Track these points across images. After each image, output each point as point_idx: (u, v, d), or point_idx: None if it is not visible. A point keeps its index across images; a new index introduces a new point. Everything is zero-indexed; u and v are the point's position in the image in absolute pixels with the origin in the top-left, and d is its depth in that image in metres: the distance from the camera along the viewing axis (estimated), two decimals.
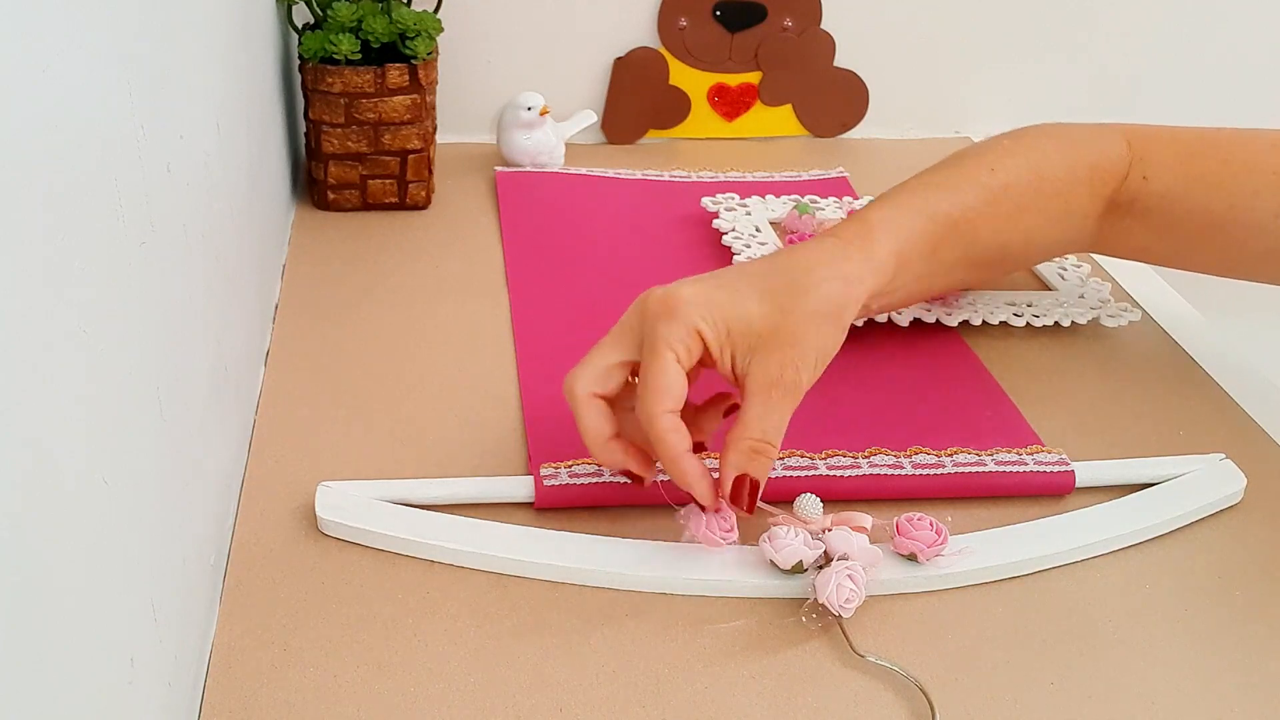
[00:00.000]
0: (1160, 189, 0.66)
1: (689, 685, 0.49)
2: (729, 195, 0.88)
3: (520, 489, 0.58)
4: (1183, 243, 0.67)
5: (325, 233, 0.83)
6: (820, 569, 0.52)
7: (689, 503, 0.54)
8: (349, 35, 0.80)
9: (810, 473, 0.59)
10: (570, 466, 0.58)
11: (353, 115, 0.82)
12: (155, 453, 0.42)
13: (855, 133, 1.06)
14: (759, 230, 0.83)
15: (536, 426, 0.63)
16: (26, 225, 0.30)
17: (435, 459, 0.61)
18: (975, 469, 0.60)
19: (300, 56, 0.82)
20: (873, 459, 0.60)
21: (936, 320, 0.73)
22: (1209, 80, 1.08)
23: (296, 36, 0.83)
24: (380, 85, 0.81)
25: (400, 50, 0.82)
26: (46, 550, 0.31)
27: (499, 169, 0.93)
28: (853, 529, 0.54)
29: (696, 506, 0.54)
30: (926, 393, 0.68)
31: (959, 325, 0.73)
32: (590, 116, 0.97)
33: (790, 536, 0.53)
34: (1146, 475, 0.62)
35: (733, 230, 0.82)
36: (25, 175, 0.30)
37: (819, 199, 0.88)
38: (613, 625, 0.52)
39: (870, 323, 0.72)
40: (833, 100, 1.04)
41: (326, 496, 0.56)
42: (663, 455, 0.51)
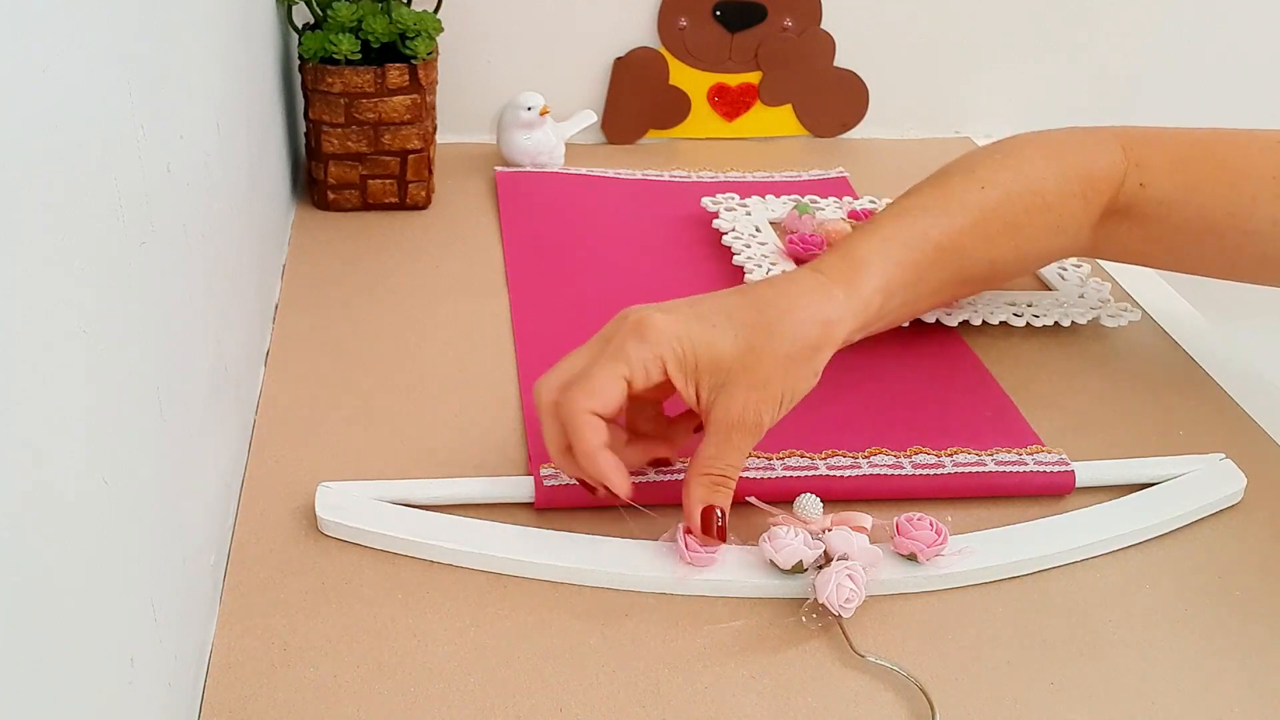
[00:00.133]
0: (1158, 195, 0.65)
1: (689, 685, 0.49)
2: (729, 195, 0.88)
3: (520, 489, 0.58)
4: (1181, 248, 0.67)
5: (325, 232, 0.83)
6: (820, 569, 0.52)
7: (660, 504, 0.55)
8: (349, 35, 0.80)
9: (810, 473, 0.59)
10: None
11: (353, 115, 0.82)
12: (155, 453, 0.42)
13: (855, 133, 1.06)
14: (759, 230, 0.83)
15: (537, 426, 0.63)
16: (27, 225, 0.30)
17: (435, 459, 0.61)
18: (975, 469, 0.60)
19: (300, 56, 0.82)
20: (873, 459, 0.60)
21: (936, 320, 0.73)
22: (1209, 80, 1.08)
23: (296, 36, 0.83)
24: (380, 85, 0.81)
25: (400, 50, 0.82)
26: (46, 550, 0.31)
27: (499, 169, 0.93)
28: (853, 529, 0.54)
29: (680, 530, 0.54)
30: (926, 393, 0.68)
31: (959, 325, 0.73)
32: (590, 116, 0.97)
33: (790, 536, 0.53)
34: (1146, 475, 0.62)
35: (733, 230, 0.82)
36: (25, 175, 0.30)
37: (819, 199, 0.88)
38: (613, 625, 0.52)
39: None
40: (833, 100, 1.04)
41: (326, 496, 0.56)
42: (578, 447, 0.51)
